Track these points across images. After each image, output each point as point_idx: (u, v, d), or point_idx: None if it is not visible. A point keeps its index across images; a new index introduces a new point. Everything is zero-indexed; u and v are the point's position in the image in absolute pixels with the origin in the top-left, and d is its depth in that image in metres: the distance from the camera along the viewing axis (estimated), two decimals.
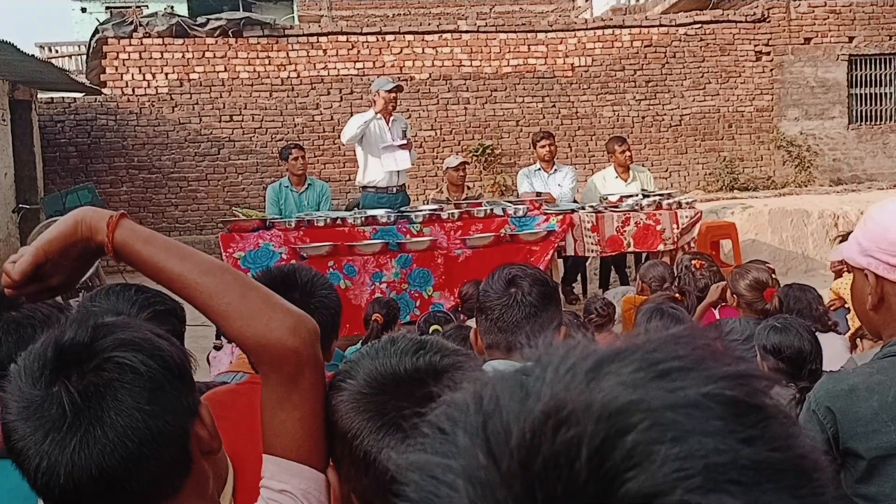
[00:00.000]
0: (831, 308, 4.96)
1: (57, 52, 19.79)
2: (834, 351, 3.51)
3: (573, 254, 6.92)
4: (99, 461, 0.96)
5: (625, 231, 6.87)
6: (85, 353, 0.99)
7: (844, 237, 5.59)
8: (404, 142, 7.10)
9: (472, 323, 3.35)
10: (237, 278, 1.14)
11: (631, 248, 7.02)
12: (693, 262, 4.77)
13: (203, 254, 1.17)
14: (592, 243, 6.81)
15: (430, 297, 6.31)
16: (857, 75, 13.02)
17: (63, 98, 11.63)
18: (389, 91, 7.03)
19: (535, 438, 0.42)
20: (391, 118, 7.13)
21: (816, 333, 2.91)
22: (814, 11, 12.83)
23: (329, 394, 1.12)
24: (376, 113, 6.98)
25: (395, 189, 7.25)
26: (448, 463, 0.44)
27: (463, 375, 1.07)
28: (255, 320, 1.09)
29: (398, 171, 7.20)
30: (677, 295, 4.24)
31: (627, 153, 7.83)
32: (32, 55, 9.43)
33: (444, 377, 1.06)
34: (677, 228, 6.94)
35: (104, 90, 11.36)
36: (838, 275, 5.70)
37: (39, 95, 11.51)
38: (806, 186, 12.33)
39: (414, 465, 0.45)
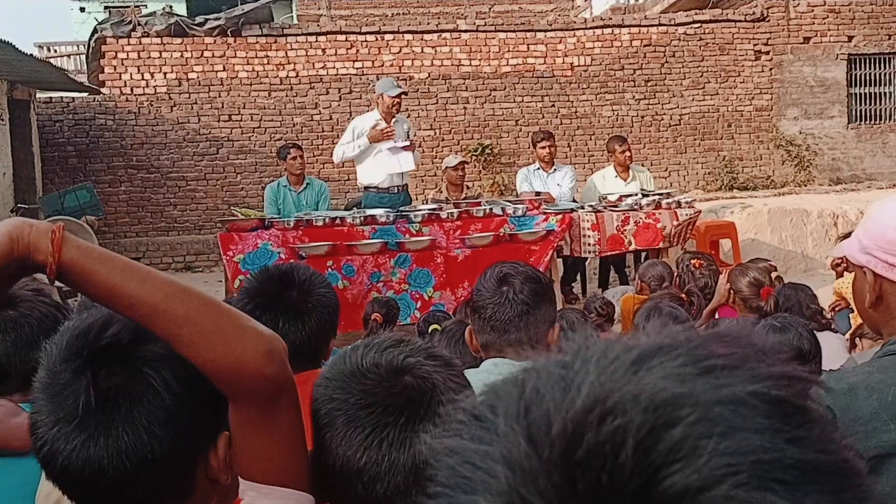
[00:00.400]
0: (837, 308, 4.96)
1: (55, 51, 19.78)
2: (831, 350, 3.51)
3: (569, 254, 6.91)
4: (96, 467, 0.95)
5: (625, 230, 6.86)
6: (121, 354, 0.98)
7: (846, 237, 5.60)
8: (407, 143, 7.09)
9: None
10: (206, 303, 1.01)
11: (633, 247, 7.00)
12: (693, 261, 4.77)
13: (163, 274, 1.04)
14: (591, 243, 6.80)
15: (430, 298, 6.30)
16: (856, 74, 13.01)
17: (62, 98, 11.62)
18: (395, 96, 7.03)
19: (579, 428, 0.42)
20: (393, 119, 7.12)
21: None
22: (813, 11, 12.82)
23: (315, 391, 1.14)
24: (371, 141, 7.00)
25: (397, 189, 7.23)
26: (486, 449, 0.43)
27: (424, 375, 1.10)
28: (228, 349, 0.98)
29: (401, 172, 7.20)
30: (683, 295, 4.23)
31: (627, 153, 7.82)
32: (31, 55, 9.41)
33: (406, 376, 1.09)
34: (677, 226, 6.93)
35: (103, 90, 11.35)
36: (839, 274, 5.69)
37: (38, 95, 11.50)
38: (805, 186, 12.33)
39: (450, 449, 0.45)
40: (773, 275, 4.07)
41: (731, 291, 3.89)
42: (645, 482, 0.40)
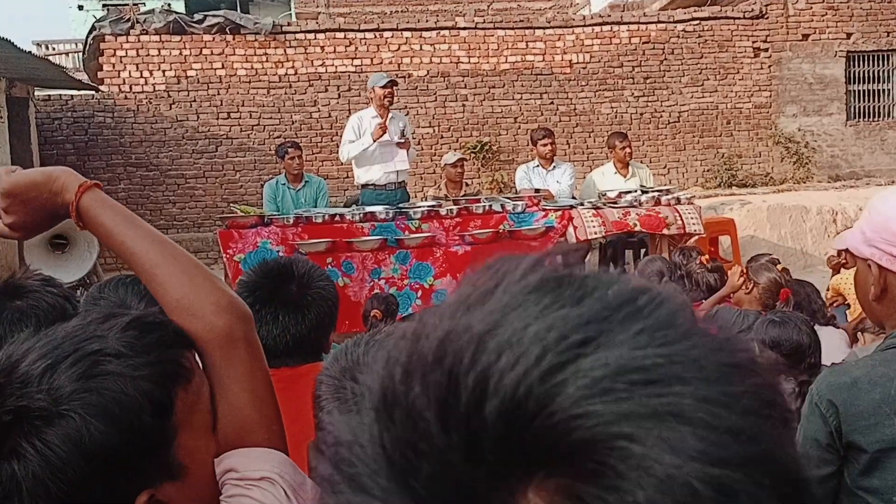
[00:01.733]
0: (833, 305, 4.96)
1: (54, 49, 19.75)
2: (832, 344, 3.51)
3: (575, 240, 6.84)
4: None
5: (627, 220, 6.83)
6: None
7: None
8: (401, 140, 7.06)
9: None
10: (184, 255, 1.18)
11: (638, 228, 6.92)
12: (701, 257, 4.77)
13: (157, 231, 1.22)
14: (596, 226, 6.72)
15: (431, 286, 6.29)
16: (854, 72, 13.01)
17: (60, 95, 11.60)
18: (384, 87, 7.00)
19: (383, 441, 0.41)
20: (389, 115, 7.10)
21: (815, 327, 2.90)
22: (812, 8, 12.82)
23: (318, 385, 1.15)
24: (374, 139, 6.96)
25: (394, 186, 7.22)
26: (361, 420, 0.42)
27: None
28: (191, 293, 1.12)
29: (395, 170, 7.17)
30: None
31: (628, 149, 7.80)
32: (29, 52, 9.39)
33: None
34: (680, 219, 6.89)
35: (101, 87, 11.33)
36: (836, 271, 5.69)
37: (36, 93, 11.48)
38: (804, 183, 12.33)
39: (337, 421, 0.44)
40: (779, 267, 4.09)
41: (751, 282, 3.89)
42: (470, 440, 0.38)
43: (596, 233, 6.76)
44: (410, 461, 0.39)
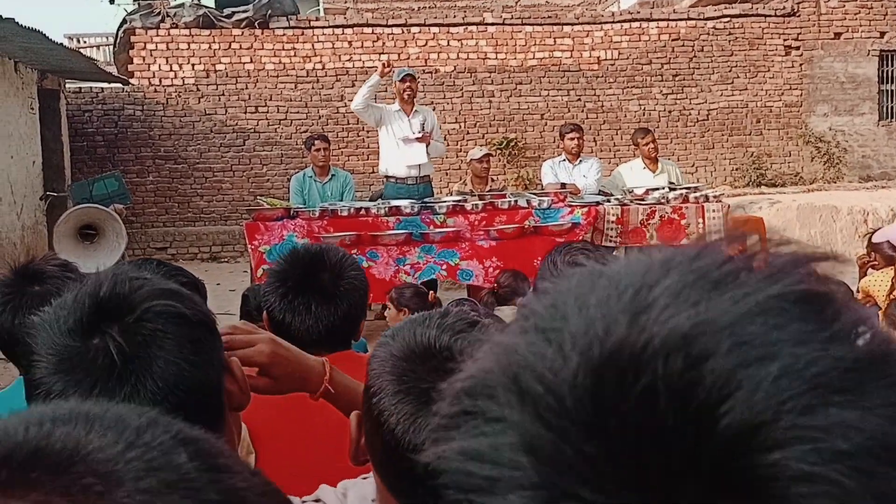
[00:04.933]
0: (867, 306, 4.89)
1: (85, 42, 19.97)
2: None
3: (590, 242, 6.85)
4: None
5: (649, 224, 6.80)
6: (125, 304, 0.97)
7: (873, 234, 5.51)
8: (419, 135, 7.06)
9: (504, 311, 3.31)
10: None
11: (653, 241, 6.94)
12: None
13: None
14: (612, 235, 6.73)
15: (456, 265, 6.29)
16: (887, 71, 12.82)
17: (91, 88, 11.73)
18: (402, 80, 7.04)
19: (597, 396, 0.36)
20: (413, 109, 7.11)
21: None
22: (844, 6, 12.65)
23: (374, 349, 1.14)
24: (381, 77, 7.04)
25: (415, 180, 7.22)
26: (500, 441, 0.38)
27: None
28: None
29: (420, 164, 7.19)
30: None
31: (652, 145, 7.74)
32: (61, 44, 9.50)
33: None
34: (703, 224, 6.86)
35: (131, 80, 11.44)
36: (863, 273, 5.59)
37: (68, 85, 11.62)
38: (834, 183, 12.18)
39: (460, 452, 0.39)
40: None
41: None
42: (696, 435, 0.35)
43: (611, 241, 6.76)
44: (623, 434, 0.36)
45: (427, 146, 7.15)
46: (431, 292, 4.28)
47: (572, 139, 7.69)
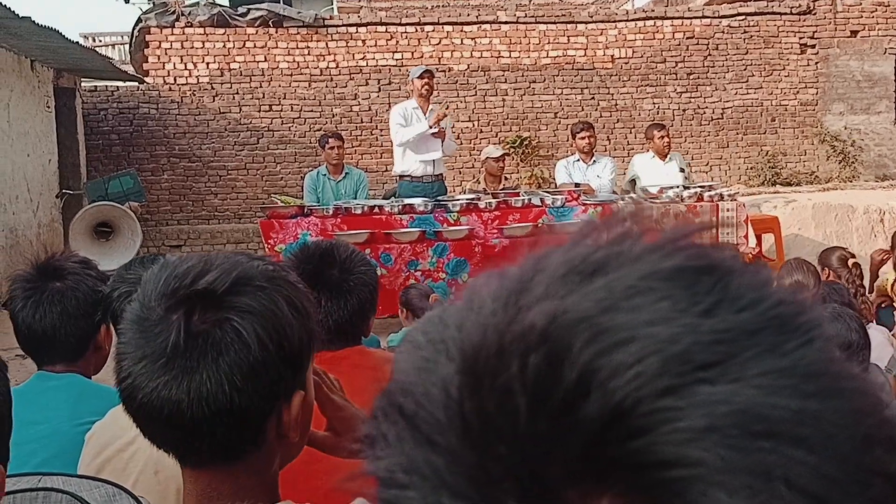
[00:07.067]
0: (882, 306, 4.87)
1: (100, 41, 20.09)
2: (876, 344, 3.45)
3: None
4: (175, 408, 0.98)
5: (662, 224, 6.78)
6: (216, 301, 0.99)
7: None
8: (435, 130, 7.07)
9: None
10: None
11: None
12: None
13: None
14: None
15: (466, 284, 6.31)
16: None
17: (106, 86, 11.80)
18: (420, 77, 7.05)
19: (462, 406, 0.36)
20: (429, 107, 7.12)
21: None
22: (861, 4, 12.55)
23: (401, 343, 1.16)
24: (430, 126, 6.98)
25: (430, 178, 7.23)
26: (388, 463, 0.38)
27: None
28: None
29: (433, 161, 7.18)
30: None
31: (666, 139, 7.78)
32: (77, 43, 9.57)
33: None
34: (715, 227, 6.83)
35: (146, 79, 11.50)
36: (874, 275, 5.54)
37: (83, 83, 11.69)
38: (850, 182, 12.09)
39: (371, 474, 0.39)
40: (851, 262, 4.21)
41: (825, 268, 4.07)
42: (557, 435, 0.34)
43: None
44: (489, 436, 0.35)
45: (443, 141, 7.16)
46: (434, 295, 4.30)
47: (583, 138, 7.69)
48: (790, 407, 0.34)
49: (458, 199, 6.81)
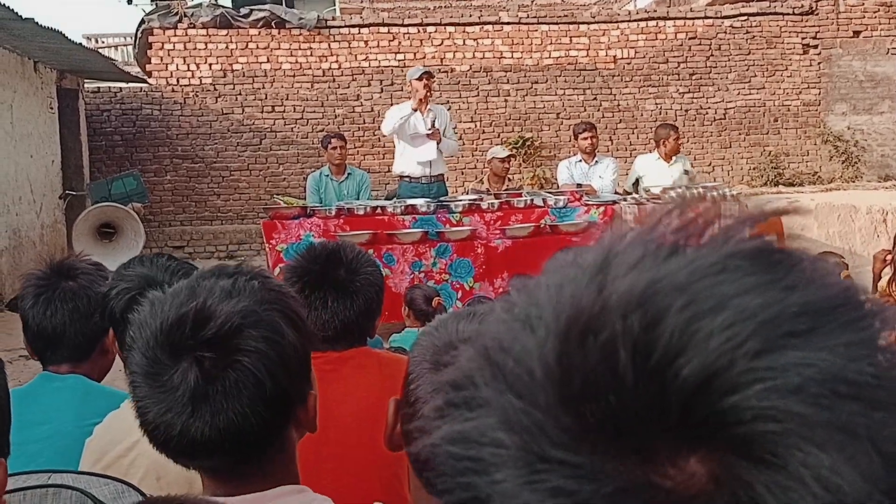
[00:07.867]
0: None
1: (104, 42, 20.11)
2: None
3: None
4: (199, 439, 1.03)
5: None
6: (223, 348, 1.03)
7: None
8: (430, 131, 7.05)
9: None
10: None
11: None
12: None
13: None
14: None
15: (471, 289, 6.30)
16: None
17: (109, 87, 11.81)
18: (418, 79, 7.03)
19: (563, 361, 0.38)
20: (427, 108, 7.11)
21: None
22: (863, 4, 12.54)
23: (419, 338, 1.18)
24: (413, 109, 6.98)
25: (428, 179, 7.22)
26: (480, 423, 0.40)
27: None
28: None
29: (429, 162, 7.18)
30: None
31: (676, 142, 7.73)
32: (80, 44, 9.58)
33: None
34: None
35: (149, 80, 11.51)
36: (877, 277, 5.50)
37: (86, 85, 11.71)
38: (853, 182, 12.08)
39: (446, 438, 0.41)
40: (844, 273, 4.07)
41: None
42: (657, 387, 0.37)
43: None
44: (589, 389, 0.38)
45: (438, 143, 7.14)
46: (437, 298, 4.30)
47: (586, 139, 7.67)
48: (871, 373, 0.37)
49: (460, 200, 6.81)
